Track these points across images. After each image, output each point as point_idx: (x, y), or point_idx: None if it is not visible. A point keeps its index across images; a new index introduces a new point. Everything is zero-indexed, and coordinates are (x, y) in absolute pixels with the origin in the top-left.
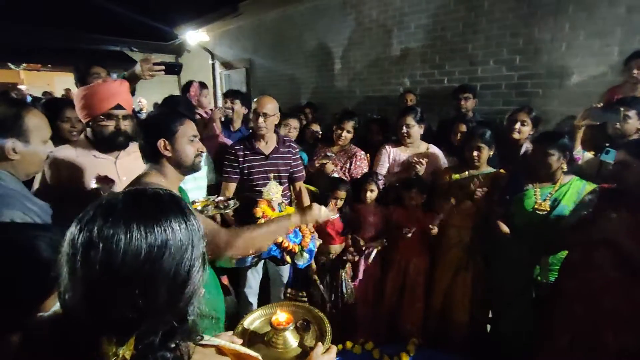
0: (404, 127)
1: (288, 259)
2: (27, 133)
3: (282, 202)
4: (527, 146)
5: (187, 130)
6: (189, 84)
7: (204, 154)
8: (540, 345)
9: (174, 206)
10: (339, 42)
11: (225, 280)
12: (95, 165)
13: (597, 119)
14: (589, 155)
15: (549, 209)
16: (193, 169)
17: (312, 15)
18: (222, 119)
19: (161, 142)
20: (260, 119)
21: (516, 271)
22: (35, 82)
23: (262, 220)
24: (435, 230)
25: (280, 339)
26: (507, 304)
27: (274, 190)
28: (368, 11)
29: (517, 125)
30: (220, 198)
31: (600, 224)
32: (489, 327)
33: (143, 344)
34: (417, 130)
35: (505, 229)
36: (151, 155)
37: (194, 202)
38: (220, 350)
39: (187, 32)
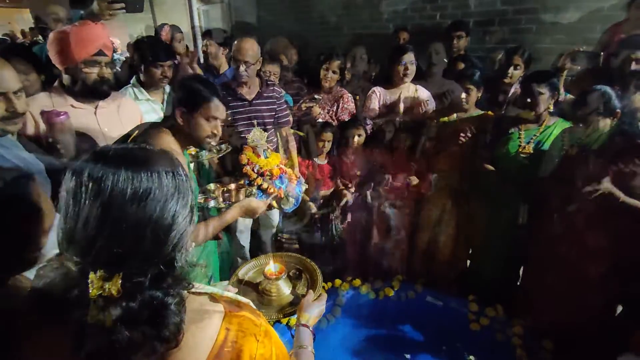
0: (406, 65)
1: (274, 204)
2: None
3: (268, 148)
4: (516, 87)
5: (210, 110)
6: (161, 27)
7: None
8: (527, 281)
9: (164, 159)
10: None
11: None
12: (74, 115)
13: (581, 62)
14: (570, 96)
15: (532, 152)
16: (200, 145)
17: None
18: (201, 62)
19: (178, 111)
20: (242, 68)
21: (498, 213)
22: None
23: (248, 168)
24: (415, 181)
25: (273, 288)
26: (487, 243)
27: (258, 137)
28: None
29: (510, 70)
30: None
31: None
32: (468, 262)
33: (131, 283)
34: (413, 69)
35: (490, 168)
36: (171, 115)
37: (188, 148)
38: (213, 298)
39: None
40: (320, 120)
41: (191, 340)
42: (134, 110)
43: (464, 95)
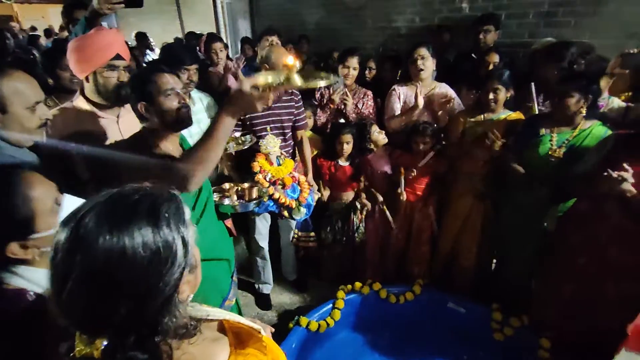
0: (417, 60)
1: (286, 214)
2: (4, 100)
3: (281, 154)
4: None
5: (161, 86)
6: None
7: (201, 97)
8: (543, 294)
9: (147, 215)
10: None
11: (229, 223)
12: (98, 125)
13: (631, 65)
14: (618, 101)
15: (562, 156)
16: (181, 123)
17: None
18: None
19: (140, 106)
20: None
21: (525, 218)
22: (29, 14)
23: (260, 176)
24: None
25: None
26: (513, 249)
27: (271, 144)
28: None
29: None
30: (237, 134)
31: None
32: (493, 266)
33: (113, 345)
34: (429, 65)
35: (519, 169)
36: (141, 118)
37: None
38: (221, 327)
39: None
40: (350, 114)
41: None
42: None
43: (491, 95)
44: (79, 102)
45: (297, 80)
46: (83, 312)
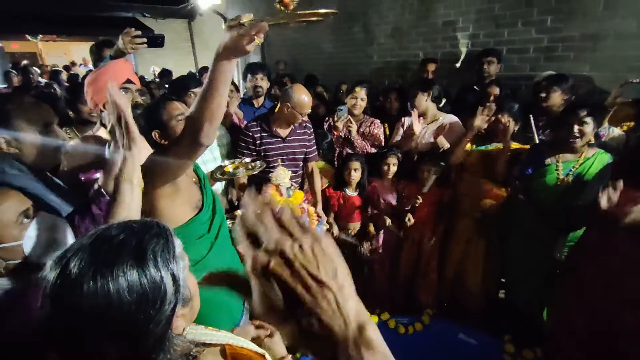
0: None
1: None
2: (21, 126)
3: (292, 185)
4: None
5: (172, 112)
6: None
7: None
8: (556, 326)
9: (132, 257)
10: (356, 4)
11: (241, 248)
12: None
13: (632, 94)
14: (618, 131)
15: (570, 184)
16: (196, 142)
17: None
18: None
19: (154, 134)
20: (299, 118)
21: (534, 246)
22: (53, 51)
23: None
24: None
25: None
26: (522, 277)
27: (282, 176)
28: None
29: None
30: (247, 160)
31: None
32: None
33: None
34: (424, 101)
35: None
36: (154, 146)
37: (225, 166)
38: (223, 352)
39: None
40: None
41: None
42: None
43: (501, 125)
44: (100, 132)
45: (286, 16)
46: (74, 353)
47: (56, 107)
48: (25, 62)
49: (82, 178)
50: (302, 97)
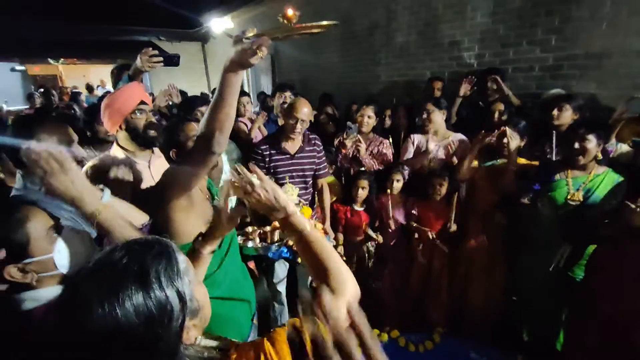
0: (424, 114)
1: (299, 259)
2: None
3: (300, 202)
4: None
5: (189, 133)
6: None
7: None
8: (570, 344)
9: (136, 281)
10: (364, 25)
11: (251, 264)
12: (129, 170)
13: (638, 110)
14: (625, 147)
15: (582, 200)
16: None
17: (334, 0)
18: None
19: (172, 153)
20: (298, 126)
21: (545, 263)
22: (73, 74)
23: (276, 223)
24: (454, 227)
25: None
26: (533, 295)
27: (290, 192)
28: None
29: (556, 112)
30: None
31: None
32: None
33: None
34: (440, 118)
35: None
36: (170, 162)
37: (234, 182)
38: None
39: (213, 19)
40: (367, 159)
41: None
42: None
43: (505, 140)
44: (115, 151)
45: (288, 29)
46: None
47: (75, 127)
48: (45, 85)
49: None
50: (299, 104)
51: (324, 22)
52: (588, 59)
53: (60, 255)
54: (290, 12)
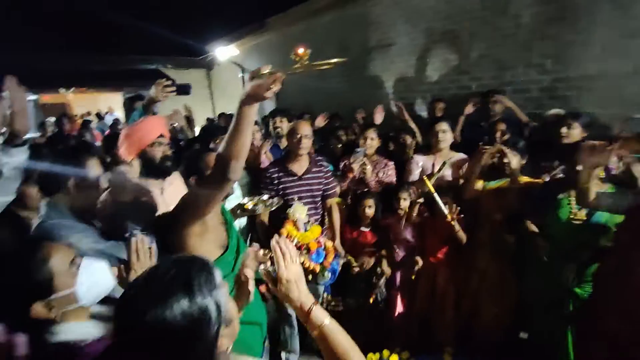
0: (438, 134)
1: (310, 278)
2: (86, 173)
3: (309, 220)
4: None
5: (210, 163)
6: (229, 117)
7: None
8: None
9: (182, 289)
10: (364, 51)
11: (263, 288)
12: (144, 196)
13: (636, 128)
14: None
15: (585, 218)
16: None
17: (334, 27)
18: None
19: (192, 180)
20: (302, 142)
21: (551, 281)
22: (81, 102)
23: None
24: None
25: None
26: (541, 313)
27: (299, 211)
28: (391, 21)
29: (565, 130)
30: (265, 197)
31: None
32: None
33: None
34: (447, 137)
35: (532, 228)
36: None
37: (244, 204)
38: None
39: (218, 47)
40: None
41: None
42: None
43: (506, 160)
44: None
45: (303, 67)
46: None
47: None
48: (59, 114)
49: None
50: (298, 123)
51: (333, 60)
52: (584, 81)
53: (82, 288)
54: (301, 50)
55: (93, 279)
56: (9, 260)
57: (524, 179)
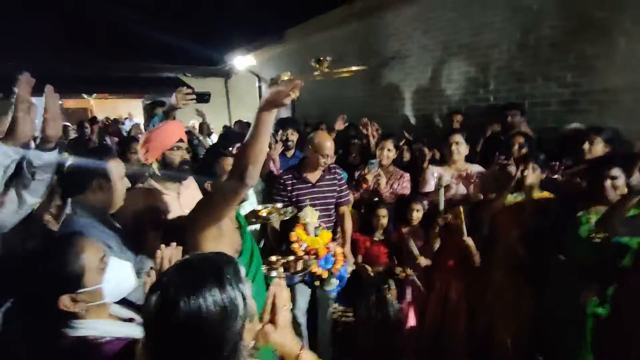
0: (452, 145)
1: (317, 283)
2: (109, 174)
3: (320, 225)
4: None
5: (226, 167)
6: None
7: None
8: None
9: (214, 280)
10: (381, 62)
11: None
12: (162, 200)
13: None
14: None
15: (605, 237)
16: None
17: (352, 38)
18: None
19: (207, 185)
20: (322, 160)
21: (570, 301)
22: (103, 107)
23: (296, 245)
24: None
25: None
26: (559, 333)
27: (309, 215)
28: (410, 32)
29: (587, 146)
30: (279, 205)
31: None
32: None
33: None
34: (462, 149)
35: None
36: (204, 193)
37: (259, 211)
38: None
39: (236, 57)
40: (384, 193)
41: None
42: None
43: (526, 173)
44: (147, 182)
45: (323, 74)
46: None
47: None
48: (75, 119)
49: None
50: (322, 140)
51: (354, 68)
52: (606, 94)
53: (108, 286)
54: (322, 57)
55: (118, 277)
56: (42, 250)
57: (545, 194)
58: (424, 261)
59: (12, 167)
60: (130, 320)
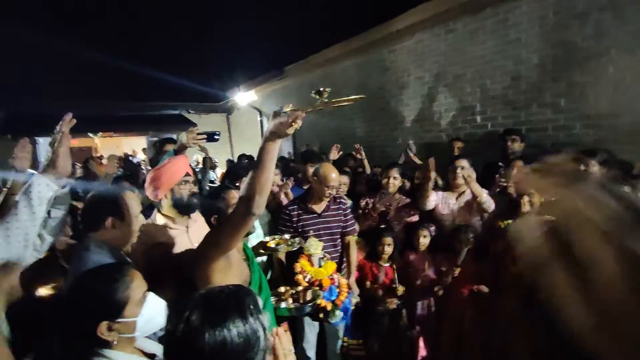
0: (457, 170)
1: (321, 316)
2: (124, 211)
3: (325, 256)
4: None
5: (230, 200)
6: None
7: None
8: None
9: (236, 311)
10: (380, 94)
11: (285, 326)
12: (172, 235)
13: None
14: None
15: None
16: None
17: (349, 73)
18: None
19: (213, 219)
20: (327, 191)
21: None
22: (107, 145)
23: (300, 276)
24: (485, 289)
25: None
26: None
27: (314, 246)
28: (406, 65)
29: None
30: (287, 236)
31: None
32: None
33: None
34: (471, 173)
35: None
36: (211, 227)
37: (267, 242)
38: None
39: (237, 93)
40: (393, 222)
41: None
42: None
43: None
44: (156, 218)
45: (323, 104)
46: None
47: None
48: (82, 157)
49: None
50: (328, 171)
51: (353, 97)
52: (600, 119)
53: (141, 320)
54: (321, 89)
55: (152, 314)
56: (90, 276)
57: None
58: (401, 290)
59: (51, 201)
60: (153, 356)
